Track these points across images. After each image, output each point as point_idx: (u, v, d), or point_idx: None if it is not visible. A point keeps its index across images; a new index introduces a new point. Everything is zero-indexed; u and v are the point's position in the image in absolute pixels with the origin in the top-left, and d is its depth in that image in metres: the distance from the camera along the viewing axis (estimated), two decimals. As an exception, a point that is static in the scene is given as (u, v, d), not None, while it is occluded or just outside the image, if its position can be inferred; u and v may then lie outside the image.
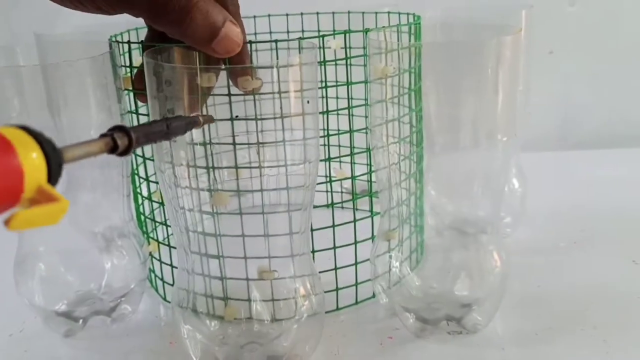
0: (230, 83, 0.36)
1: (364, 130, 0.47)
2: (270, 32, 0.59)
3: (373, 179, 0.55)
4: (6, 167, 0.21)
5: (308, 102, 0.36)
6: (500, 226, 0.44)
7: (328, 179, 0.51)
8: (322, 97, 0.44)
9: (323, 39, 0.41)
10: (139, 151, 0.47)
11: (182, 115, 0.33)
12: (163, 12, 0.34)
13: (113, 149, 0.27)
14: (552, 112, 0.83)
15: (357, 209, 0.46)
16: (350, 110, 0.45)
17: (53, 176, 0.23)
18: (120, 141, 0.27)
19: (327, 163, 0.58)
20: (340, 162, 0.60)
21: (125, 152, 0.27)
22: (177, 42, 0.36)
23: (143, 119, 0.46)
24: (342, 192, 0.62)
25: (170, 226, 0.47)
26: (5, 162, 0.21)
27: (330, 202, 0.47)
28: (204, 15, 0.34)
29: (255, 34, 0.59)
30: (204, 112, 0.36)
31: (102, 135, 0.27)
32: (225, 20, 0.34)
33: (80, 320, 0.44)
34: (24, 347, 0.43)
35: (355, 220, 0.45)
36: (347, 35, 0.43)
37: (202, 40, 0.34)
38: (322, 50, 0.42)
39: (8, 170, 0.21)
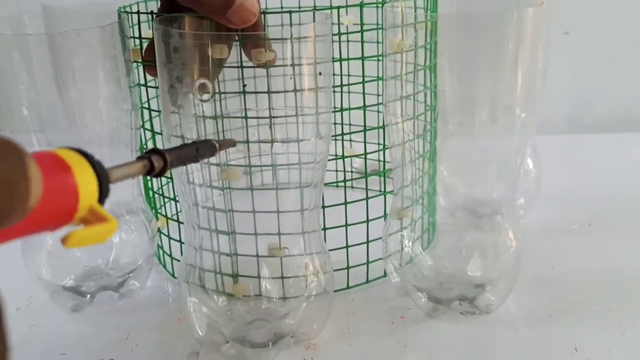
0: (244, 56, 0.36)
1: (376, 108, 0.46)
2: (282, 8, 0.58)
3: (383, 157, 0.55)
4: (65, 188, 0.22)
5: (320, 73, 0.35)
6: (515, 207, 0.43)
7: (339, 157, 0.50)
8: (335, 74, 0.43)
9: (338, 12, 0.40)
10: (147, 125, 0.46)
11: (208, 140, 0.33)
12: None
13: (150, 171, 0.28)
14: (566, 94, 0.81)
15: (368, 189, 0.46)
16: (364, 85, 0.44)
17: (103, 196, 0.24)
18: (157, 164, 0.28)
19: (341, 141, 0.57)
20: (350, 140, 0.59)
21: (159, 174, 0.28)
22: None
23: (152, 92, 0.45)
24: (352, 172, 0.61)
25: (179, 202, 0.47)
26: (63, 183, 0.22)
27: (342, 180, 0.46)
28: None
29: (267, 9, 0.58)
30: (216, 85, 0.35)
31: (140, 158, 0.28)
32: (240, -12, 0.33)
33: (88, 295, 0.44)
34: (31, 322, 0.43)
35: (367, 198, 0.44)
36: (362, 8, 0.41)
37: (216, 9, 0.33)
38: (336, 26, 0.41)
39: (66, 191, 0.22)
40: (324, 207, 0.42)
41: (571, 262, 0.48)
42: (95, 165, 0.23)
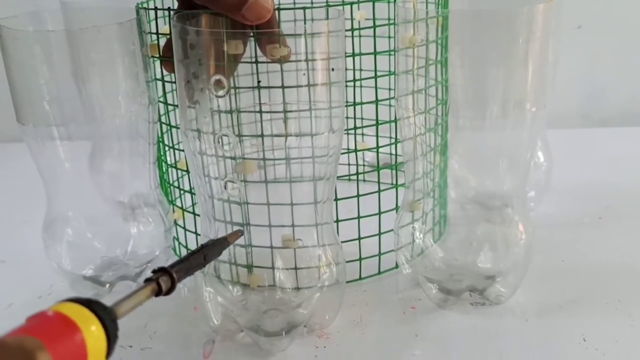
0: (258, 51, 0.36)
1: (388, 102, 0.47)
2: (295, 4, 0.59)
3: (395, 151, 0.55)
4: (74, 353, 0.22)
5: (333, 69, 0.36)
6: (525, 200, 0.43)
7: (351, 150, 0.51)
8: (347, 69, 0.44)
9: (351, 7, 0.41)
10: (164, 119, 0.47)
11: (215, 240, 0.34)
12: None
13: (158, 293, 0.29)
14: (578, 88, 0.81)
15: (380, 182, 0.46)
16: (376, 80, 0.44)
17: (111, 348, 0.24)
18: (164, 285, 0.29)
19: (353, 135, 0.58)
20: (363, 134, 0.60)
21: (168, 293, 0.29)
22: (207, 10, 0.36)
23: (169, 87, 0.46)
24: (364, 165, 0.62)
25: (194, 194, 0.48)
26: (73, 348, 0.21)
27: (355, 173, 0.46)
28: None
29: (280, 5, 0.59)
30: (231, 80, 0.36)
31: (147, 280, 0.29)
32: (254, -14, 0.34)
33: (107, 285, 0.45)
34: (52, 310, 0.44)
35: (379, 191, 0.45)
36: (374, 4, 0.42)
37: (231, 6, 0.34)
38: (348, 21, 0.41)
39: (75, 355, 0.22)
40: (336, 199, 0.42)
41: (581, 254, 0.49)
42: (104, 320, 0.23)
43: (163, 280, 0.29)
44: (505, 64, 0.38)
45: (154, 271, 0.29)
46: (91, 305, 0.24)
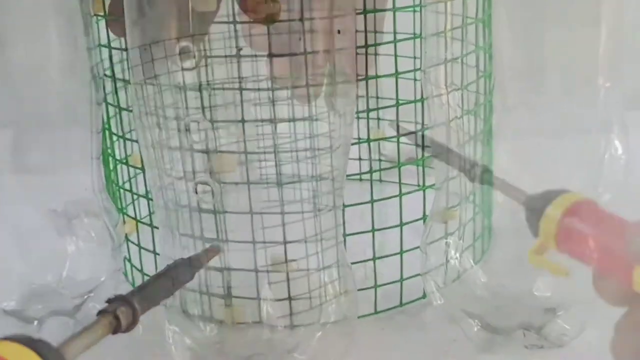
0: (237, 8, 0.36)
1: (412, 75, 0.47)
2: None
3: (422, 141, 0.55)
4: None
5: (339, 31, 0.36)
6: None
7: (364, 140, 0.51)
8: (359, 30, 0.44)
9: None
10: (110, 99, 0.47)
11: (185, 259, 0.35)
12: None
13: (117, 328, 0.29)
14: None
15: (402, 183, 0.46)
16: (396, 45, 0.44)
17: None
18: (124, 318, 0.29)
19: (366, 119, 0.58)
20: (378, 119, 0.60)
21: (128, 329, 0.30)
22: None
23: (118, 56, 0.46)
24: (380, 160, 0.62)
25: (152, 199, 0.48)
26: None
27: (368, 171, 0.47)
28: None
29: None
30: (202, 47, 0.36)
31: (102, 312, 0.29)
32: None
33: (35, 322, 0.45)
34: (-38, 357, 0.44)
35: (400, 195, 0.45)
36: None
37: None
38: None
39: None
40: (344, 206, 0.42)
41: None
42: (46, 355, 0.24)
43: (122, 312, 0.29)
44: (570, 23, 0.38)
45: (109, 301, 0.30)
46: (34, 345, 0.24)
